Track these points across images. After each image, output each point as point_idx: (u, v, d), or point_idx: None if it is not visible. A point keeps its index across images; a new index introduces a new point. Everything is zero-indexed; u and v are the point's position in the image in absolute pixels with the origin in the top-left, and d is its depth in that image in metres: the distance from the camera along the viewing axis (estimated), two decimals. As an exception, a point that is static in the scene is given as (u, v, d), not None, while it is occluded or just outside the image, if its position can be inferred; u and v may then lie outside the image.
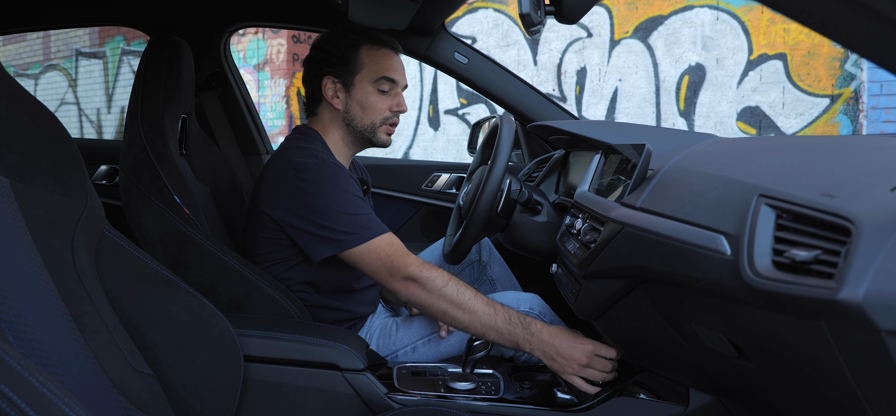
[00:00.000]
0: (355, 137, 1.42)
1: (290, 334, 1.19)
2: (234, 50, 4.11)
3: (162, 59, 1.45)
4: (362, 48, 1.39)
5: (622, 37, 5.65)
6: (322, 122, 1.43)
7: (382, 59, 1.39)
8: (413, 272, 1.22)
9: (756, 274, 0.69)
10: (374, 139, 1.42)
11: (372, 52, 1.39)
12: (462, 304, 1.21)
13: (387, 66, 1.39)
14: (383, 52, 1.40)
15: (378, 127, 1.41)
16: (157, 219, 1.34)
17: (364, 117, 1.40)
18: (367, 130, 1.41)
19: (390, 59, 1.40)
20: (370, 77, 1.38)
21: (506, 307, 1.23)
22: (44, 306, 0.74)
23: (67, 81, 9.46)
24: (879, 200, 0.63)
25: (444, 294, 1.21)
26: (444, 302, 1.21)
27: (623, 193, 1.08)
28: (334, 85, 1.39)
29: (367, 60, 1.38)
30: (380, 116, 1.40)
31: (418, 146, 6.87)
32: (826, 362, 0.67)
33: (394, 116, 1.42)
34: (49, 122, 0.88)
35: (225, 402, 1.05)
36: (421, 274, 1.21)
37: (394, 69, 1.40)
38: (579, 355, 1.19)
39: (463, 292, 1.21)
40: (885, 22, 0.49)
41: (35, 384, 0.52)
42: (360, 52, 1.38)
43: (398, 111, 1.42)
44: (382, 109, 1.40)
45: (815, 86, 4.88)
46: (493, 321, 1.20)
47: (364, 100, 1.38)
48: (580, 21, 2.52)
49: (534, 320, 1.23)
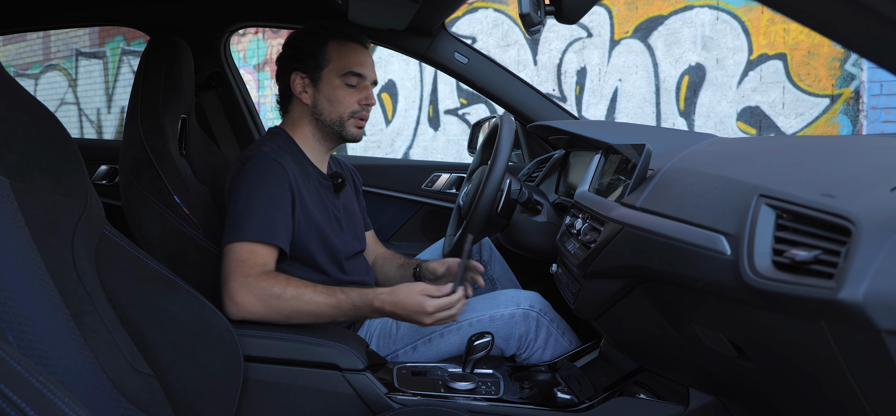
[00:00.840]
0: (325, 132, 1.43)
1: (290, 334, 1.19)
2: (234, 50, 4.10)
3: (162, 60, 1.45)
4: (330, 43, 1.40)
5: (622, 37, 5.65)
6: (292, 119, 1.45)
7: (350, 53, 1.40)
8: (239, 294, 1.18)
9: (756, 274, 0.69)
10: (343, 133, 1.42)
11: (339, 47, 1.40)
12: (303, 308, 1.20)
13: (354, 60, 1.40)
14: (351, 47, 1.40)
15: (346, 120, 1.41)
16: (157, 219, 1.34)
17: (332, 111, 1.40)
18: (336, 124, 1.41)
19: (358, 54, 1.41)
20: (337, 71, 1.39)
21: (347, 291, 1.23)
22: (44, 306, 0.74)
23: (67, 81, 9.46)
24: (879, 200, 0.63)
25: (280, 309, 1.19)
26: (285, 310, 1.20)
27: (623, 193, 1.08)
28: (303, 80, 1.40)
29: (335, 55, 1.39)
30: (347, 110, 1.40)
31: (418, 146, 6.87)
32: (826, 362, 0.67)
33: (362, 109, 1.42)
34: (49, 122, 0.88)
35: (225, 402, 1.05)
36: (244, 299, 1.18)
37: (361, 64, 1.40)
38: (419, 302, 1.20)
39: (302, 293, 1.21)
40: (885, 22, 0.49)
41: (35, 384, 0.52)
42: (328, 47, 1.39)
43: (367, 104, 1.42)
44: (350, 103, 1.40)
45: (815, 86, 4.88)
46: (339, 311, 1.22)
47: (331, 94, 1.39)
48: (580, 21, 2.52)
49: (376, 292, 1.24)
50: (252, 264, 1.22)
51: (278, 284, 1.20)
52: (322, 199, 1.41)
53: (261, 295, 1.19)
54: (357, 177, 1.67)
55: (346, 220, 1.49)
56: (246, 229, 1.24)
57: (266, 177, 1.29)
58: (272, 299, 1.19)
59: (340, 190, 1.49)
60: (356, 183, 1.65)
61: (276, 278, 1.21)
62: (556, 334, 1.41)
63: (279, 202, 1.28)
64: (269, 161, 1.31)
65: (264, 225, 1.25)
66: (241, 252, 1.22)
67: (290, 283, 1.21)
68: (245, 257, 1.22)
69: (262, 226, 1.24)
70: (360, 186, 1.67)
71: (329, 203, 1.44)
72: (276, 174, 1.30)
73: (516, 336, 1.38)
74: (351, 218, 1.52)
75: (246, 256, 1.22)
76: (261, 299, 1.18)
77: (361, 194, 1.68)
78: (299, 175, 1.36)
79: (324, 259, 1.38)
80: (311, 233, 1.35)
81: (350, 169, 1.65)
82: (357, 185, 1.66)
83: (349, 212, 1.52)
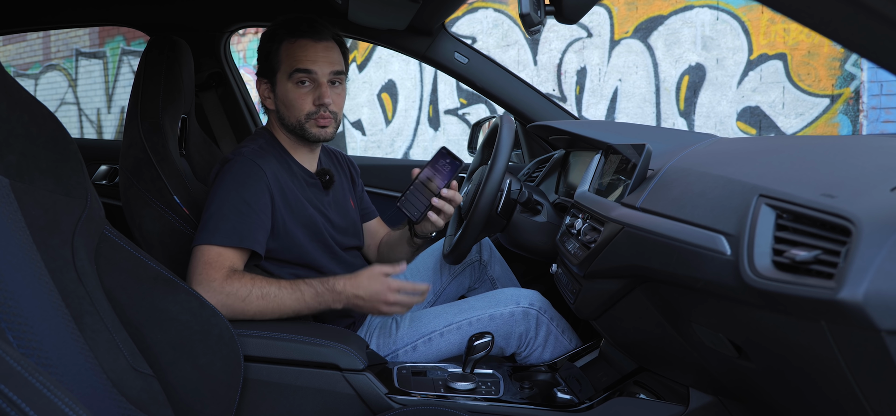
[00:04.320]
0: (294, 134, 1.39)
1: (290, 335, 1.19)
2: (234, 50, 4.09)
3: (162, 60, 1.45)
4: (282, 44, 1.33)
5: (622, 37, 5.64)
6: (271, 123, 1.44)
7: (297, 51, 1.32)
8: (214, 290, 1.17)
9: (756, 274, 0.69)
10: (305, 135, 1.36)
11: (288, 46, 1.33)
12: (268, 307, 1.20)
13: (300, 57, 1.32)
14: (299, 44, 1.32)
15: (305, 123, 1.35)
16: (157, 219, 1.34)
17: (290, 115, 1.36)
18: (297, 128, 1.36)
19: (305, 50, 1.32)
20: (286, 73, 1.33)
21: (310, 282, 1.24)
22: (44, 306, 0.74)
23: (67, 81, 9.46)
24: (879, 200, 0.63)
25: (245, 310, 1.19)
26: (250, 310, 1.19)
27: (623, 193, 1.08)
28: (265, 86, 1.38)
29: (285, 56, 1.33)
30: (303, 112, 1.34)
31: (418, 146, 6.87)
32: (826, 362, 0.67)
33: (319, 110, 1.33)
34: (49, 122, 0.88)
35: (225, 402, 1.05)
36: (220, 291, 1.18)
37: (307, 59, 1.32)
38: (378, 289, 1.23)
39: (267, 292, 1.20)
40: (885, 22, 0.49)
41: (35, 384, 0.52)
42: (281, 48, 1.34)
43: (321, 104, 1.33)
44: (305, 104, 1.33)
45: (815, 86, 4.87)
46: (303, 304, 1.22)
47: (285, 97, 1.35)
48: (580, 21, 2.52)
49: (337, 279, 1.25)
50: (219, 266, 1.20)
51: (244, 285, 1.19)
52: (310, 196, 1.40)
53: (226, 299, 1.17)
54: (354, 169, 1.64)
55: (339, 215, 1.47)
56: (216, 232, 1.22)
57: (241, 179, 1.27)
58: (237, 302, 1.18)
59: (329, 187, 1.46)
60: (353, 174, 1.63)
61: (241, 279, 1.20)
62: (556, 333, 1.41)
63: (254, 205, 1.26)
64: (247, 163, 1.28)
65: (234, 228, 1.23)
66: (208, 255, 1.21)
67: (256, 282, 1.20)
68: (212, 259, 1.21)
69: (231, 229, 1.23)
70: (357, 177, 1.64)
71: (318, 200, 1.42)
72: (252, 176, 1.27)
73: (516, 335, 1.38)
74: (345, 213, 1.50)
75: (213, 258, 1.21)
76: (225, 304, 1.17)
77: (360, 184, 1.66)
78: (282, 175, 1.33)
79: (317, 255, 1.37)
80: (300, 231, 1.35)
81: (346, 161, 1.63)
82: (354, 176, 1.63)
83: (342, 206, 1.50)
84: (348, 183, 1.59)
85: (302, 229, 1.35)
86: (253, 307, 1.19)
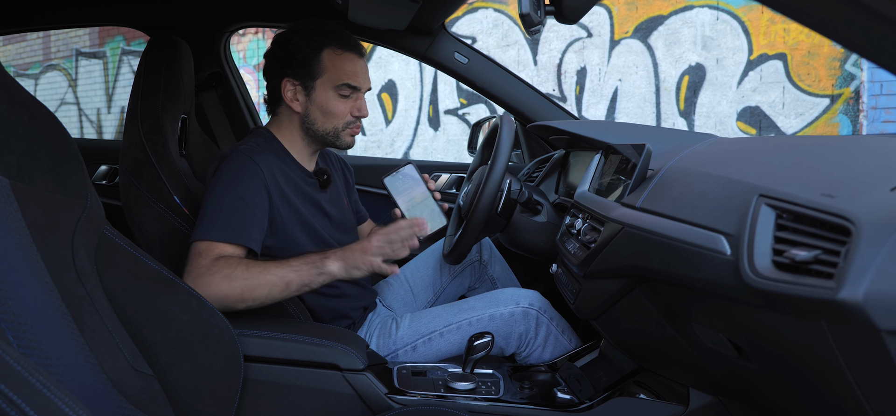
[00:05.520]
0: (316, 138, 1.40)
1: (290, 335, 1.19)
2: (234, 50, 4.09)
3: (162, 60, 1.45)
4: (325, 51, 1.34)
5: (622, 37, 5.65)
6: (280, 122, 1.41)
7: (345, 64, 1.35)
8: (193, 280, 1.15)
9: (756, 274, 0.69)
10: (336, 143, 1.40)
11: (334, 57, 1.35)
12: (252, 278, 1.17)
13: (350, 71, 1.35)
14: (346, 57, 1.36)
15: (340, 132, 1.38)
16: (157, 219, 1.34)
17: (325, 122, 1.37)
18: (330, 135, 1.38)
19: (354, 64, 1.36)
20: (332, 82, 1.35)
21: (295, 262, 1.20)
22: (44, 306, 0.74)
23: (67, 81, 9.46)
24: (879, 200, 0.63)
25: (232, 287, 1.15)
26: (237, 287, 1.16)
27: (623, 193, 1.08)
28: (294, 87, 1.36)
29: (330, 65, 1.35)
30: (342, 121, 1.37)
31: (418, 146, 6.87)
32: (826, 362, 0.67)
33: (356, 120, 1.39)
34: (49, 122, 0.88)
35: (225, 402, 1.05)
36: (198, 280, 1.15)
37: (357, 75, 1.36)
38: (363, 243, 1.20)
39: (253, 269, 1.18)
40: (885, 22, 0.49)
41: (35, 384, 0.52)
42: (323, 55, 1.34)
43: (359, 116, 1.39)
44: (344, 114, 1.37)
45: (815, 86, 4.87)
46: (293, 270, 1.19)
47: (325, 105, 1.36)
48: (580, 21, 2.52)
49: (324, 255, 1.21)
50: (209, 255, 1.20)
51: (228, 264, 1.18)
52: (307, 195, 1.40)
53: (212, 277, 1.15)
54: (348, 170, 1.65)
55: (335, 213, 1.48)
56: (212, 228, 1.22)
57: (238, 176, 1.26)
58: (223, 280, 1.15)
59: (326, 186, 1.46)
60: (347, 176, 1.63)
61: (227, 262, 1.18)
62: (556, 333, 1.41)
63: (251, 201, 1.25)
64: (245, 160, 1.28)
65: (230, 225, 1.22)
66: (202, 249, 1.21)
67: (241, 262, 1.19)
68: (205, 252, 1.20)
69: (227, 225, 1.22)
70: (351, 179, 1.65)
71: (315, 199, 1.42)
72: (249, 173, 1.27)
73: (516, 335, 1.38)
74: (341, 211, 1.51)
75: (206, 251, 1.20)
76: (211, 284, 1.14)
77: (353, 187, 1.66)
78: (279, 173, 1.33)
79: None
80: (297, 228, 1.35)
81: (340, 161, 1.63)
82: (348, 178, 1.63)
83: (338, 205, 1.50)
84: (342, 183, 1.59)
85: (299, 226, 1.35)
86: (238, 284, 1.16)
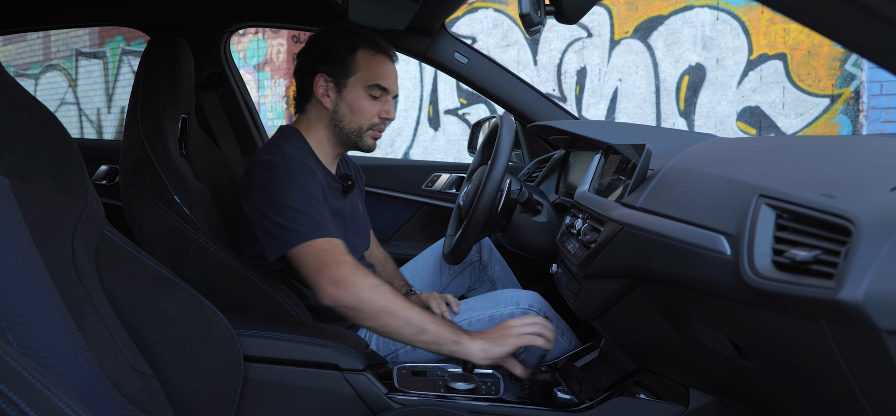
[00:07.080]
0: (341, 138, 1.42)
1: (290, 335, 1.19)
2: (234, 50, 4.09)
3: (162, 60, 1.45)
4: (359, 51, 1.38)
5: (622, 37, 5.65)
6: (308, 120, 1.43)
7: (378, 65, 1.39)
8: (342, 274, 1.15)
9: (756, 274, 0.69)
10: (359, 143, 1.42)
11: (368, 57, 1.39)
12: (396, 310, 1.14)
13: (382, 73, 1.39)
14: (380, 59, 1.40)
15: (365, 132, 1.41)
16: (157, 219, 1.34)
17: (352, 120, 1.39)
18: (354, 134, 1.40)
19: (386, 67, 1.40)
20: (364, 82, 1.38)
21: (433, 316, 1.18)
22: (44, 306, 0.74)
23: (67, 81, 9.46)
24: (879, 200, 0.63)
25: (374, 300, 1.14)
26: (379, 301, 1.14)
27: (623, 193, 1.08)
28: (326, 83, 1.39)
29: (363, 64, 1.38)
30: (368, 121, 1.40)
31: (418, 146, 6.87)
32: (826, 362, 0.67)
33: (382, 123, 1.42)
34: (49, 122, 0.88)
35: (225, 402, 1.05)
36: (349, 276, 1.15)
37: (388, 77, 1.40)
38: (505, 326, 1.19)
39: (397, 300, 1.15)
40: (885, 22, 0.49)
41: (35, 384, 0.52)
42: (357, 54, 1.38)
43: (386, 119, 1.41)
44: (371, 115, 1.40)
45: (815, 86, 4.88)
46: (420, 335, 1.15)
47: (354, 103, 1.38)
48: (580, 21, 2.52)
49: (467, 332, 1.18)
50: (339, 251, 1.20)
51: (375, 277, 1.17)
52: (335, 198, 1.41)
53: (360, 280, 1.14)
54: (361, 175, 1.67)
55: (353, 220, 1.48)
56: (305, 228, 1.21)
57: (302, 177, 1.28)
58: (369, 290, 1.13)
59: (349, 191, 1.47)
60: (359, 182, 1.65)
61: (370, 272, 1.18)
62: (556, 333, 1.41)
63: (321, 199, 1.28)
64: (297, 163, 1.30)
65: (318, 223, 1.23)
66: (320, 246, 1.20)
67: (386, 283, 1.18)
68: (326, 247, 1.20)
69: (316, 224, 1.22)
70: (362, 186, 1.67)
71: (337, 204, 1.43)
72: (307, 173, 1.29)
73: (516, 336, 1.38)
74: (357, 218, 1.52)
75: (326, 246, 1.20)
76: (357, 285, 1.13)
77: (364, 191, 1.68)
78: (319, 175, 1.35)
79: None
80: None
81: (355, 167, 1.65)
82: (360, 183, 1.65)
83: (355, 212, 1.51)
84: (358, 190, 1.61)
85: None
86: (382, 299, 1.14)
